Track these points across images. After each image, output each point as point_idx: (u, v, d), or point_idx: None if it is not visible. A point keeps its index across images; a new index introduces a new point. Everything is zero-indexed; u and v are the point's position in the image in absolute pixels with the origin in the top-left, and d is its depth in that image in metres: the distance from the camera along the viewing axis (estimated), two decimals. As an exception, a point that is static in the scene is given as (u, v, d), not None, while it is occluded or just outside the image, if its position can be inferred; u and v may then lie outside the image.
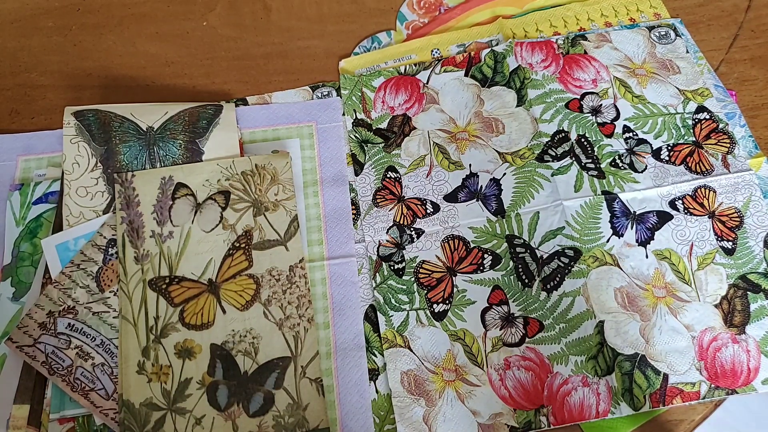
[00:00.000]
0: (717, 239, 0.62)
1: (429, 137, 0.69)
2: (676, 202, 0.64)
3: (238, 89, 0.74)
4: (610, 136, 0.68)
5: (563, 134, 0.68)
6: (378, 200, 0.66)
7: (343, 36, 0.78)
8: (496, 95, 0.71)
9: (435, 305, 0.61)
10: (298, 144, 0.69)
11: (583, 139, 0.68)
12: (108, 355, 0.58)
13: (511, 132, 0.69)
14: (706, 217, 0.63)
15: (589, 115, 0.69)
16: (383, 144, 0.69)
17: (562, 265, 0.61)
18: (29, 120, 0.72)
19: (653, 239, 0.62)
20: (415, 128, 0.70)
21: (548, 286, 0.61)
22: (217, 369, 0.57)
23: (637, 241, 0.62)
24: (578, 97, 0.70)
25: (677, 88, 0.70)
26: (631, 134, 0.68)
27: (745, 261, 0.61)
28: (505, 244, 0.63)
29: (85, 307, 0.59)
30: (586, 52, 0.73)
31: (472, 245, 0.63)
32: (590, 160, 0.66)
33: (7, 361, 0.58)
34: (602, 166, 0.66)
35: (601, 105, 0.70)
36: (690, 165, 0.66)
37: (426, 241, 0.64)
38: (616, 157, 0.67)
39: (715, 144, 0.67)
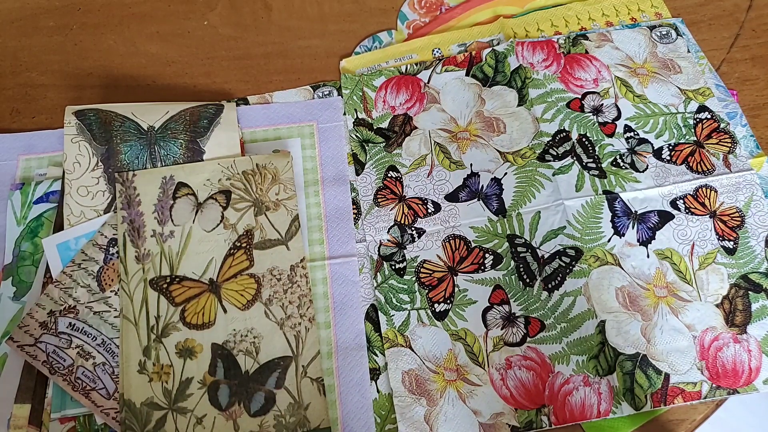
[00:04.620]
0: (718, 239, 0.62)
1: (430, 137, 0.69)
2: (678, 202, 0.64)
3: (238, 89, 0.74)
4: (611, 135, 0.68)
5: (564, 134, 0.68)
6: (379, 200, 0.66)
7: (344, 35, 0.78)
8: (497, 95, 0.71)
9: (436, 305, 0.61)
10: (299, 143, 0.69)
11: (584, 139, 0.68)
12: (109, 354, 0.58)
13: (513, 131, 0.69)
14: (708, 216, 0.63)
15: (591, 114, 0.69)
16: (384, 143, 0.69)
17: (564, 264, 0.61)
18: (30, 119, 0.72)
19: (654, 239, 0.62)
20: (416, 128, 0.70)
21: (549, 286, 0.60)
22: (218, 368, 0.57)
23: (638, 240, 0.62)
24: (579, 96, 0.70)
25: (678, 88, 0.70)
26: (632, 134, 0.68)
27: (746, 261, 0.61)
28: (507, 244, 0.63)
29: (86, 306, 0.59)
30: (587, 52, 0.73)
31: (473, 245, 0.63)
32: (591, 160, 0.66)
33: (8, 361, 0.58)
34: (603, 165, 0.66)
35: (603, 104, 0.70)
36: (691, 164, 0.66)
37: (427, 241, 0.64)
38: (618, 157, 0.66)
39: (717, 144, 0.67)
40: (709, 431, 0.56)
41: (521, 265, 0.62)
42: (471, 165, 0.67)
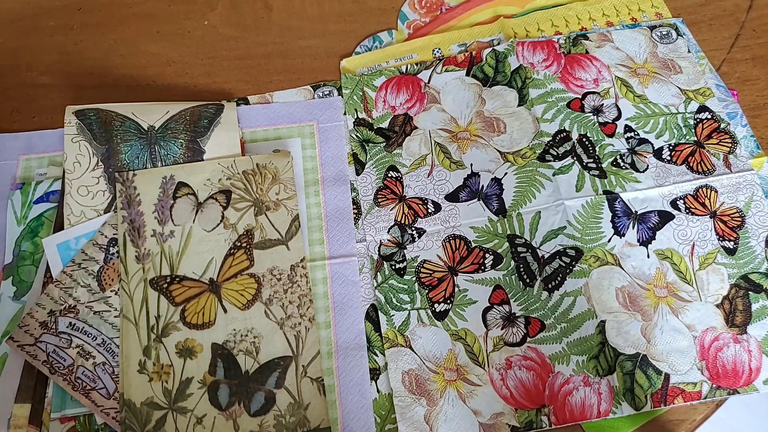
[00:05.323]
0: (718, 239, 0.62)
1: (430, 137, 0.69)
2: (678, 202, 0.64)
3: (239, 88, 0.74)
4: (611, 135, 0.68)
5: (565, 134, 0.68)
6: (379, 200, 0.66)
7: (345, 35, 0.78)
8: (497, 95, 0.71)
9: (436, 305, 0.61)
10: (299, 143, 0.69)
11: (584, 139, 0.68)
12: (109, 354, 0.58)
13: (513, 131, 0.69)
14: (708, 216, 0.63)
15: (591, 114, 0.69)
16: (384, 143, 0.69)
17: (564, 264, 0.61)
18: (30, 119, 0.72)
19: (655, 239, 0.62)
20: (416, 128, 0.70)
21: (550, 286, 0.60)
22: (218, 368, 0.57)
23: (638, 240, 0.62)
24: (580, 96, 0.70)
25: (679, 88, 0.70)
26: (632, 134, 0.68)
27: (746, 261, 0.61)
28: (507, 244, 0.63)
29: (86, 306, 0.59)
30: (587, 52, 0.73)
31: (474, 245, 0.63)
32: (592, 160, 0.66)
33: (9, 360, 0.58)
34: (604, 165, 0.66)
35: (603, 104, 0.70)
36: (691, 165, 0.66)
37: (427, 241, 0.64)
38: (618, 157, 0.66)
39: (717, 144, 0.67)
40: (709, 431, 0.56)
41: (521, 265, 0.62)
42: (471, 165, 0.67)
